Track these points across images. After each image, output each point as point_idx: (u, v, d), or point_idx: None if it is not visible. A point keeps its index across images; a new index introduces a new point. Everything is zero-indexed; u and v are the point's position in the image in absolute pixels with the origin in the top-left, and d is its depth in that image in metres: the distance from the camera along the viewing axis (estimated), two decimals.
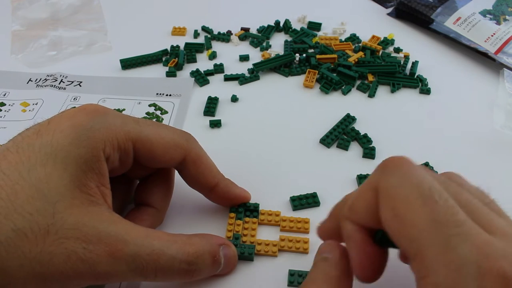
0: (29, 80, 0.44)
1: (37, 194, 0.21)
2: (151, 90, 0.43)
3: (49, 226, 0.21)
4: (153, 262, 0.23)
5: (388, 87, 0.44)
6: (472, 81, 0.46)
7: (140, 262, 0.23)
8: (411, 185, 0.19)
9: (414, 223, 0.19)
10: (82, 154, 0.23)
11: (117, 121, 0.26)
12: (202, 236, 0.27)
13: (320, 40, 0.49)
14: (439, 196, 0.19)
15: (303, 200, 0.33)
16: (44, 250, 0.21)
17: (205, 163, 0.29)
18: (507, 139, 0.39)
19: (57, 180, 0.22)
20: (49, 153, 0.22)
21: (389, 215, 0.20)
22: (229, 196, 0.31)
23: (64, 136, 0.23)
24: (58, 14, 0.52)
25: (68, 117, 0.24)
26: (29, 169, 0.22)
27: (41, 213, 0.21)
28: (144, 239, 0.23)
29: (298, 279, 0.28)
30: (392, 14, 0.55)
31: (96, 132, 0.24)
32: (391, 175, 0.20)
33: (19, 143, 0.23)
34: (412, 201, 0.19)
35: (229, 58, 0.47)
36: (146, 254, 0.23)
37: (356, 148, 0.38)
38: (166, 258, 0.24)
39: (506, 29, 0.48)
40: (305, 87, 0.44)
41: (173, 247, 0.24)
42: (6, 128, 0.39)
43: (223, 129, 0.39)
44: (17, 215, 0.21)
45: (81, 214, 0.22)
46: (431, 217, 0.18)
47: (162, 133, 0.27)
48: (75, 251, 0.21)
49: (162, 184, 0.30)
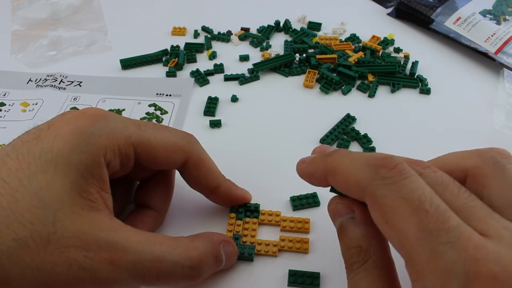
0: (29, 80, 0.44)
1: (38, 202, 0.21)
2: (151, 90, 0.43)
3: (50, 235, 0.21)
4: (155, 269, 0.23)
5: (388, 87, 0.44)
6: (472, 81, 0.46)
7: (141, 269, 0.23)
8: (399, 197, 0.19)
9: (404, 232, 0.19)
10: (83, 160, 0.23)
11: (118, 126, 0.25)
12: (203, 237, 0.26)
13: (320, 40, 0.49)
14: (429, 204, 0.19)
15: (303, 200, 0.33)
16: (46, 259, 0.21)
17: (207, 165, 0.29)
18: (507, 139, 0.39)
19: (58, 187, 0.22)
20: (50, 160, 0.22)
21: (380, 221, 0.20)
22: (230, 197, 0.31)
23: (64, 142, 0.23)
24: (58, 14, 0.52)
25: (68, 122, 0.24)
26: (29, 177, 0.22)
27: (41, 222, 0.21)
28: (145, 245, 0.23)
29: (298, 279, 0.28)
30: (392, 14, 0.55)
31: (97, 138, 0.24)
32: (381, 184, 0.20)
33: (19, 149, 0.23)
34: (401, 212, 0.19)
35: (229, 58, 0.47)
36: (147, 261, 0.23)
37: (356, 148, 0.38)
38: (168, 264, 0.24)
39: (506, 29, 0.48)
40: (305, 87, 0.44)
41: (175, 253, 0.24)
42: (6, 128, 0.38)
43: (223, 129, 0.39)
44: (18, 224, 0.21)
45: (81, 222, 0.22)
46: (420, 227, 0.18)
47: (164, 136, 0.27)
48: (76, 260, 0.21)
49: (162, 186, 0.30)
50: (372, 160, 0.21)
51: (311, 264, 0.29)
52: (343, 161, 0.23)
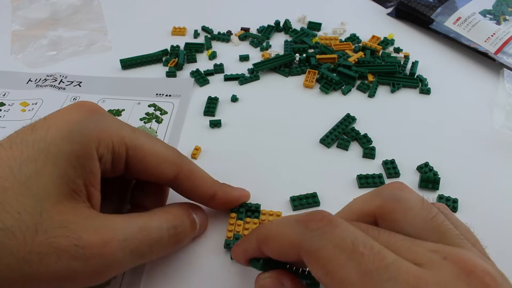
0: (28, 80, 0.44)
1: (26, 191, 0.21)
2: (150, 91, 0.43)
3: (37, 225, 0.21)
4: (145, 238, 0.24)
5: (388, 87, 0.44)
6: (472, 81, 0.46)
7: (133, 243, 0.23)
8: (334, 246, 0.19)
9: (346, 279, 0.19)
10: (74, 150, 0.23)
11: (114, 124, 0.26)
12: (174, 204, 0.28)
13: (320, 40, 0.49)
14: (363, 246, 0.19)
15: (303, 200, 0.33)
16: (33, 250, 0.20)
17: (199, 177, 0.29)
18: (507, 139, 0.39)
19: (46, 176, 0.22)
20: (42, 148, 0.22)
21: (320, 274, 0.20)
22: (229, 200, 0.31)
23: (58, 130, 0.23)
24: (58, 14, 0.52)
25: (64, 112, 0.24)
26: (20, 165, 0.22)
27: (28, 212, 0.21)
28: (129, 222, 0.24)
29: None
30: (392, 14, 0.55)
31: (91, 130, 0.24)
32: (313, 236, 0.20)
33: (13, 139, 0.23)
34: (338, 259, 0.19)
35: (229, 58, 0.47)
36: (136, 233, 0.24)
37: (356, 148, 0.38)
38: (155, 230, 0.25)
39: (506, 29, 0.48)
40: (305, 87, 0.44)
41: (155, 219, 0.25)
42: (6, 128, 0.38)
43: (223, 129, 0.39)
44: (6, 214, 0.20)
45: (67, 212, 0.22)
46: (360, 270, 0.18)
47: (156, 146, 0.27)
48: (67, 250, 0.21)
49: (158, 188, 0.30)
50: (300, 218, 0.21)
51: None
52: (273, 227, 0.23)
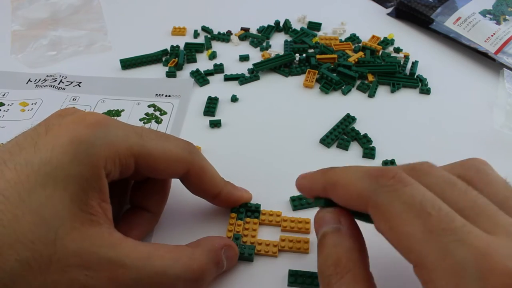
0: (28, 80, 0.44)
1: (38, 220, 0.21)
2: (150, 91, 0.43)
3: (51, 255, 0.21)
4: (156, 284, 0.23)
5: (388, 87, 0.44)
6: (472, 81, 0.46)
7: (142, 285, 0.23)
8: (402, 203, 0.20)
9: (410, 235, 0.19)
10: (83, 173, 0.23)
11: (119, 134, 0.25)
12: (205, 245, 0.26)
13: (320, 40, 0.49)
14: (431, 207, 0.19)
15: (303, 200, 0.33)
16: (48, 279, 0.21)
17: (208, 175, 0.29)
18: (507, 139, 0.39)
19: (58, 202, 0.22)
20: (49, 173, 0.22)
21: (384, 228, 0.20)
22: (232, 200, 0.31)
23: (63, 152, 0.22)
24: (58, 14, 0.52)
25: (67, 129, 0.23)
26: (29, 191, 0.21)
27: (42, 241, 0.21)
28: (146, 261, 0.23)
29: (298, 279, 0.28)
30: (392, 14, 0.55)
31: (97, 148, 0.23)
32: (383, 192, 0.21)
33: (17, 158, 0.22)
34: (405, 216, 0.19)
35: (229, 58, 0.47)
36: (148, 277, 0.23)
37: (356, 148, 0.38)
38: (170, 278, 0.24)
39: (506, 29, 0.48)
40: (305, 87, 0.44)
41: (176, 266, 0.24)
42: (5, 127, 0.38)
43: (223, 129, 0.39)
44: (20, 244, 0.20)
45: (81, 239, 0.22)
46: (425, 229, 0.18)
47: (166, 147, 0.27)
48: (78, 279, 0.21)
49: (158, 188, 0.30)
50: (371, 172, 0.22)
51: (311, 264, 0.29)
52: (344, 175, 0.23)
